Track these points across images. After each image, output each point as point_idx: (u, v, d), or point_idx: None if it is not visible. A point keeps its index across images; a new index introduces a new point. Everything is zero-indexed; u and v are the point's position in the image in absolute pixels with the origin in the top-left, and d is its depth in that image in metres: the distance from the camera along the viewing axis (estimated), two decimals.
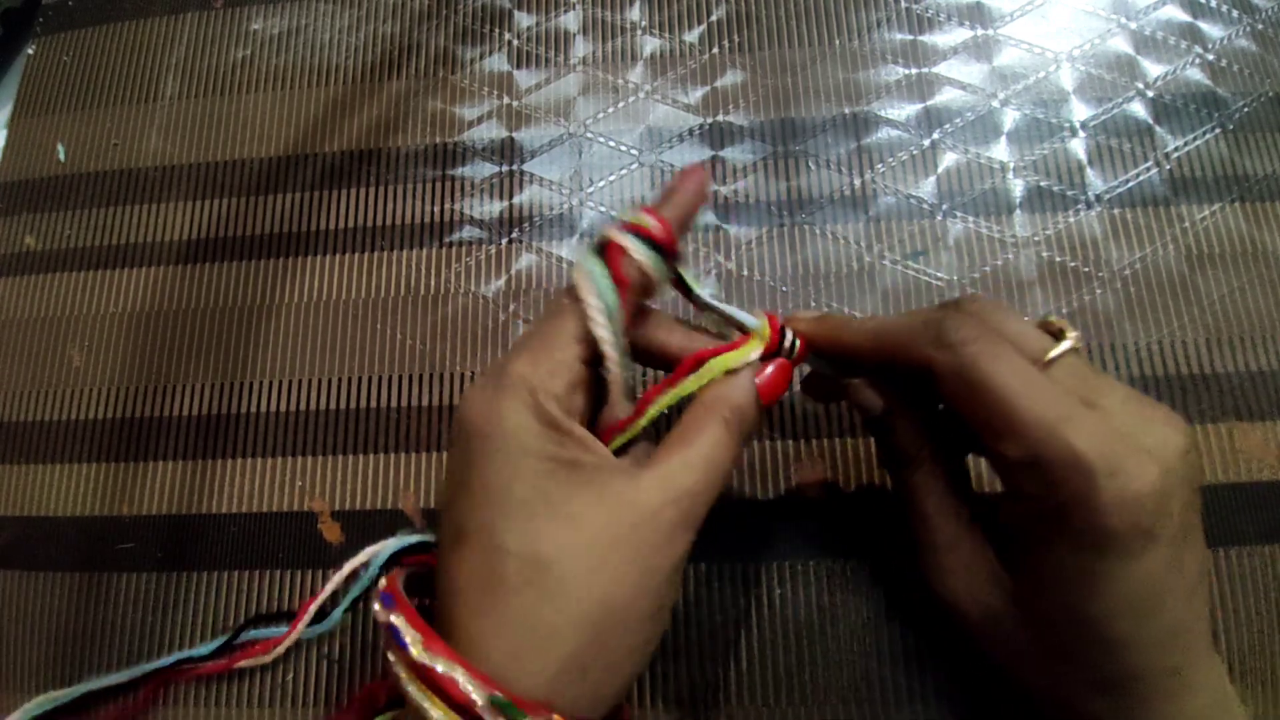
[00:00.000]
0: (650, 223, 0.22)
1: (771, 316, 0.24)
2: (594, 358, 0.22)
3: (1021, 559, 0.22)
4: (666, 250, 0.23)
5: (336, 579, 0.29)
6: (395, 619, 0.20)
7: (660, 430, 0.22)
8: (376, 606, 0.21)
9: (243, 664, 0.30)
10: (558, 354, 0.21)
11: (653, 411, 0.22)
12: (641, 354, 0.24)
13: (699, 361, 0.23)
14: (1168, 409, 0.21)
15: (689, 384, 0.22)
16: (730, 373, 0.23)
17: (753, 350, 0.23)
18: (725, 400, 0.22)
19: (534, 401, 0.21)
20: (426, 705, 0.19)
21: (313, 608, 0.29)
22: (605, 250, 0.22)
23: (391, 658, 0.20)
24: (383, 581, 0.22)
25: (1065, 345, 0.21)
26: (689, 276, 0.24)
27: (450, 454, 0.22)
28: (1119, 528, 0.19)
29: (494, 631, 0.20)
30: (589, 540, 0.20)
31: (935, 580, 0.24)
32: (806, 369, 0.27)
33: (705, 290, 0.24)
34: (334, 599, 0.30)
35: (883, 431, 0.25)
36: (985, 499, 0.25)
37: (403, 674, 0.20)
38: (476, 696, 0.19)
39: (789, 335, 0.24)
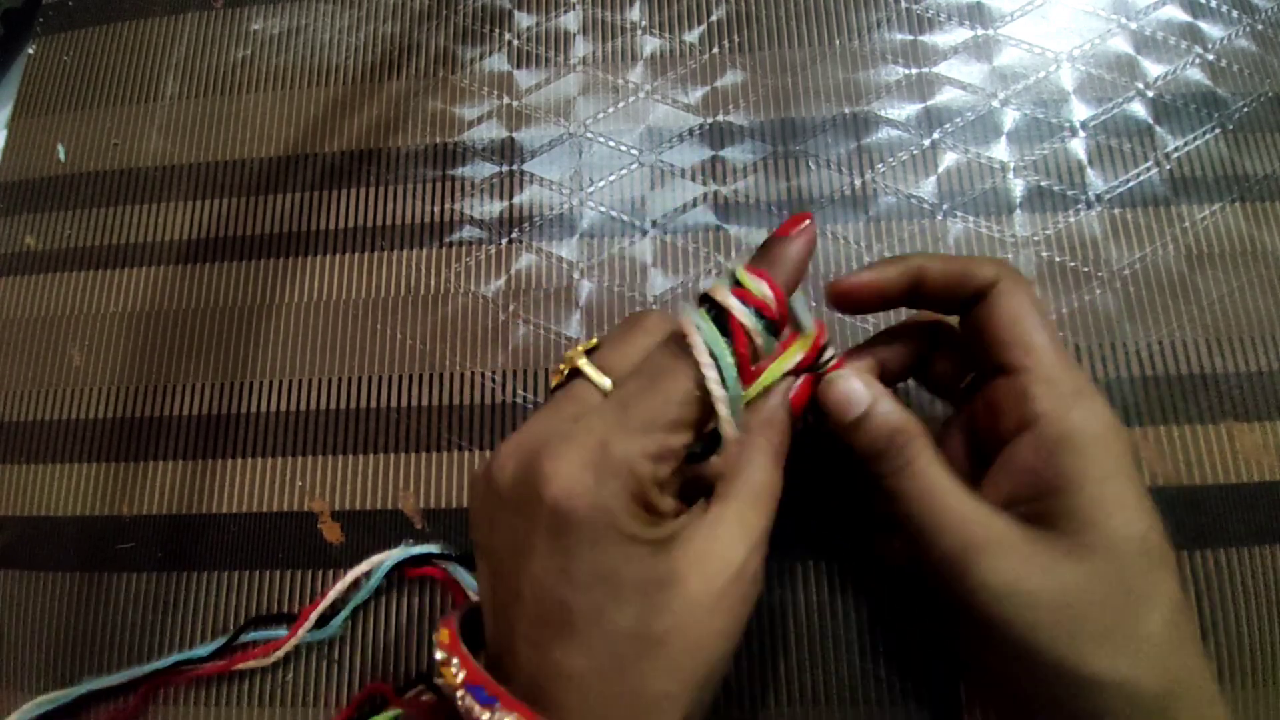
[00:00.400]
0: (766, 294, 0.21)
1: (820, 324, 0.24)
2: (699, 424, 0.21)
3: (1055, 501, 0.21)
4: (776, 325, 0.21)
5: (339, 587, 0.29)
6: (454, 673, 0.20)
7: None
8: (468, 700, 0.19)
9: (242, 666, 0.30)
10: (669, 438, 0.20)
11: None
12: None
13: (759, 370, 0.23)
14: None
15: (751, 392, 0.23)
16: (767, 390, 0.23)
17: (795, 356, 0.23)
18: (767, 425, 0.23)
19: (639, 490, 0.20)
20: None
21: (314, 614, 0.29)
22: (721, 316, 0.20)
23: None
24: (455, 666, 0.20)
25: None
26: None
27: (537, 532, 0.20)
28: (1112, 427, 0.22)
29: (612, 709, 0.19)
30: (694, 608, 0.20)
31: (983, 567, 0.21)
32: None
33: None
34: (335, 605, 0.30)
35: (865, 422, 0.23)
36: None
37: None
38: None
39: (829, 351, 0.24)
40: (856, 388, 0.23)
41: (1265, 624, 0.27)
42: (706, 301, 0.21)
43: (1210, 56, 0.34)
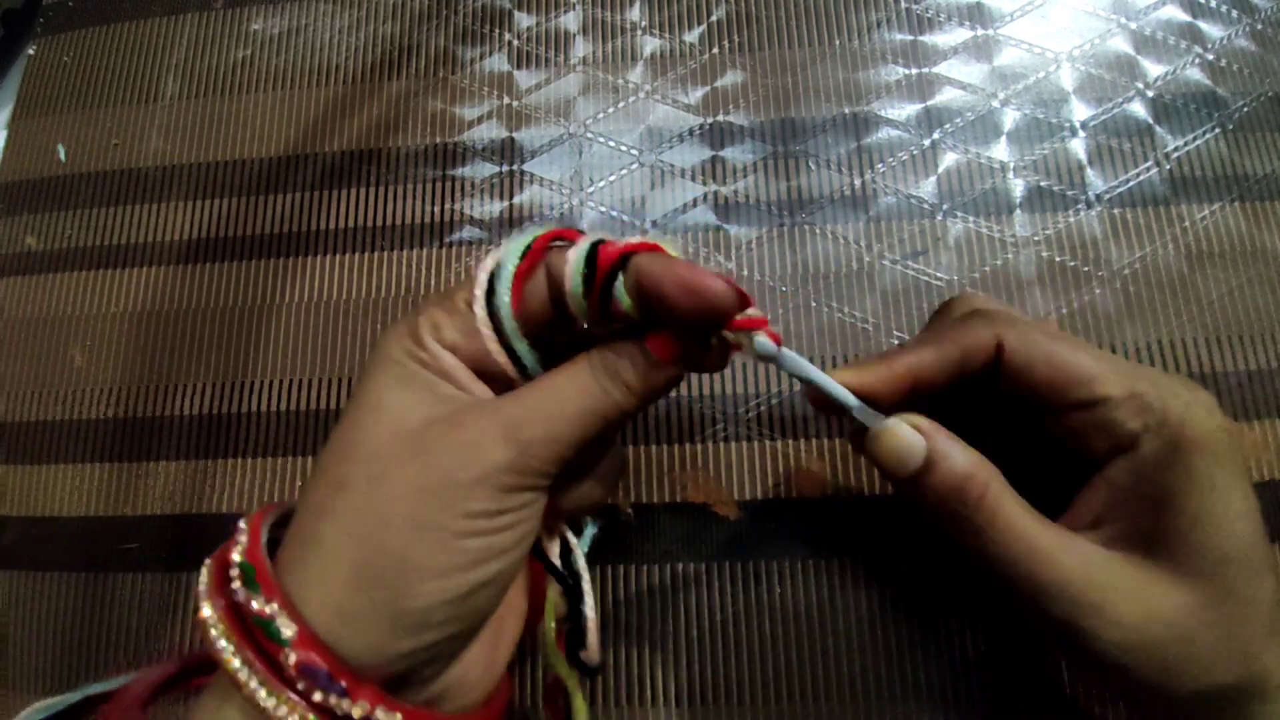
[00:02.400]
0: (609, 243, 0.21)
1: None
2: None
3: (1155, 523, 0.20)
4: (597, 274, 0.20)
5: None
6: (241, 522, 0.20)
7: None
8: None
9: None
10: (448, 296, 0.21)
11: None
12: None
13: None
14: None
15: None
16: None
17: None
18: (600, 347, 0.21)
19: (407, 327, 0.21)
20: (205, 566, 0.20)
21: None
22: (534, 241, 0.21)
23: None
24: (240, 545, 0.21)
25: (1053, 318, 0.23)
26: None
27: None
28: (1222, 428, 0.20)
29: (295, 516, 0.20)
30: (394, 434, 0.19)
31: (1099, 623, 0.19)
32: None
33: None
34: None
35: (929, 478, 0.21)
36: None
37: (207, 564, 0.20)
38: (235, 556, 0.19)
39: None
40: (908, 437, 0.21)
41: None
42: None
43: (1210, 56, 0.34)
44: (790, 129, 0.35)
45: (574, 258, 0.20)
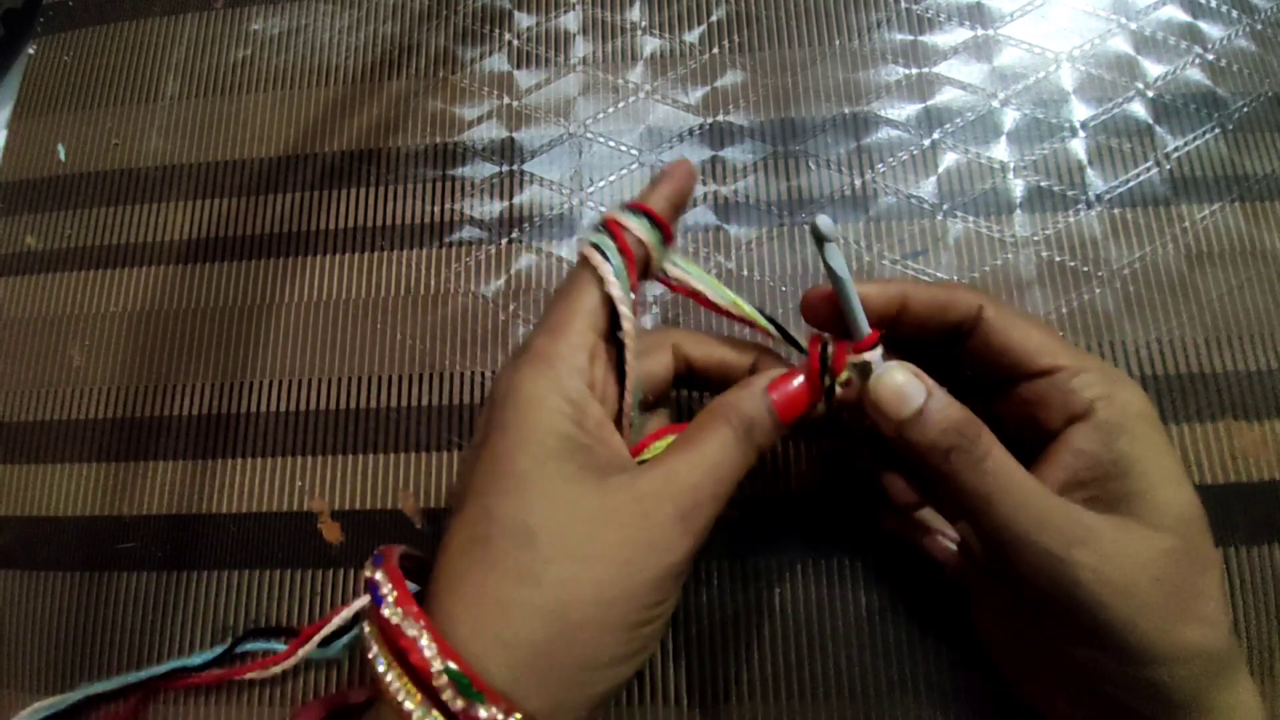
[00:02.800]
0: (645, 207, 0.24)
1: (814, 340, 0.23)
2: (611, 327, 0.22)
3: (1119, 482, 0.21)
4: (663, 229, 0.23)
5: (345, 614, 0.28)
6: (378, 575, 0.20)
7: None
8: (366, 565, 0.21)
9: (241, 677, 0.29)
10: (576, 324, 0.22)
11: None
12: (683, 375, 0.25)
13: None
14: None
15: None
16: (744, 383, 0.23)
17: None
18: (733, 406, 0.22)
19: (554, 374, 0.21)
20: (385, 668, 0.19)
21: (316, 638, 0.29)
22: (607, 227, 0.23)
23: (364, 621, 0.20)
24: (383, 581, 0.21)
25: None
26: (694, 271, 0.25)
27: (477, 430, 0.22)
28: (1146, 401, 0.23)
29: (469, 601, 0.19)
30: (579, 521, 0.19)
31: (1083, 555, 0.20)
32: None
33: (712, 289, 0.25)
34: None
35: (927, 419, 0.22)
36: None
37: (369, 631, 0.19)
38: (435, 665, 0.18)
39: (830, 359, 0.23)
40: (909, 380, 0.22)
41: (1265, 621, 0.27)
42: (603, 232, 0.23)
43: (1210, 56, 0.34)
44: (790, 129, 0.35)
45: (642, 229, 0.23)
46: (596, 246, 0.22)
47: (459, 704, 0.18)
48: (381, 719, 0.20)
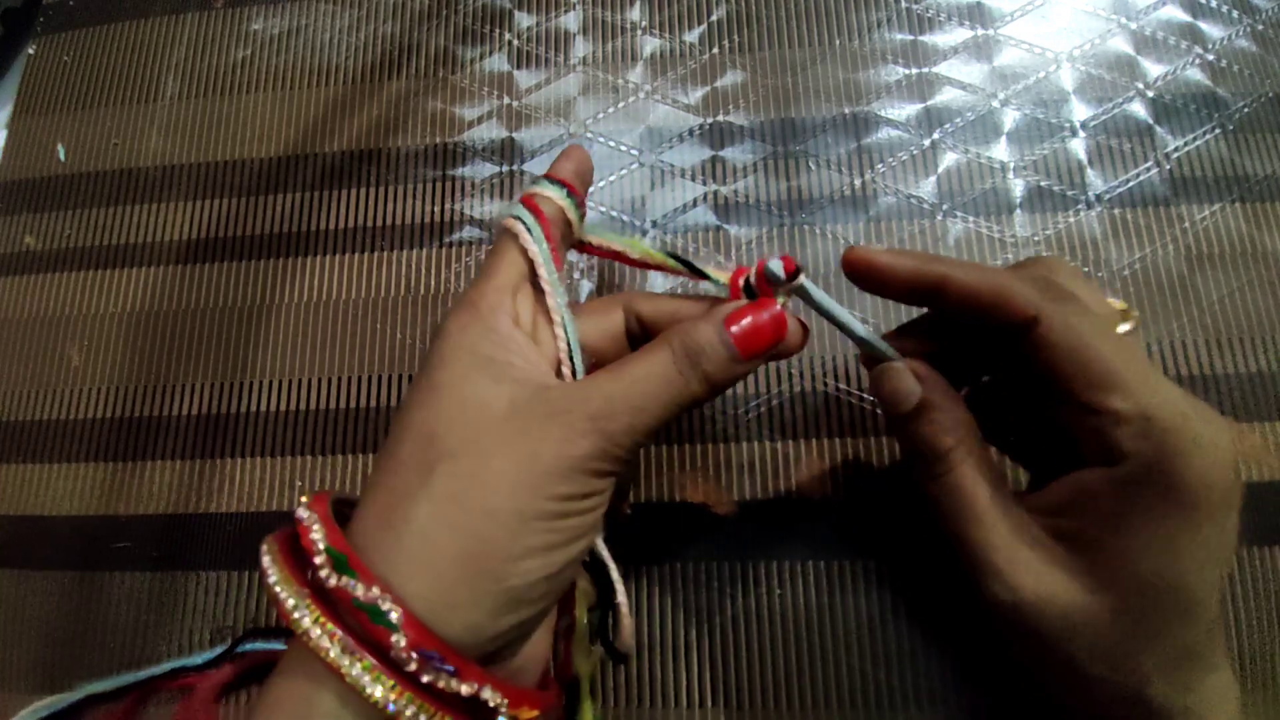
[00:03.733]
0: (554, 175, 0.25)
1: (739, 272, 0.23)
2: (534, 276, 0.24)
3: (1100, 532, 0.21)
4: (574, 194, 0.25)
5: None
6: (302, 498, 0.21)
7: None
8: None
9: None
10: (497, 273, 0.23)
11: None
12: (637, 334, 0.25)
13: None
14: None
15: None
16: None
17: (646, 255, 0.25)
18: (679, 332, 0.22)
19: (475, 310, 0.22)
20: (270, 562, 0.20)
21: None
22: (524, 202, 0.25)
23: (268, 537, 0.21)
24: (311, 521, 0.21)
25: (1128, 325, 0.23)
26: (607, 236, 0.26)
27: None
28: (1217, 484, 0.20)
29: (369, 500, 0.20)
30: (486, 420, 0.20)
31: (996, 584, 0.21)
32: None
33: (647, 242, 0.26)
34: None
35: (911, 424, 0.23)
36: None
37: (269, 544, 0.20)
38: (318, 544, 0.19)
39: (761, 280, 0.23)
40: (906, 382, 0.23)
41: (1267, 625, 0.27)
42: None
43: (1210, 56, 0.34)
44: (790, 129, 0.35)
45: (559, 196, 0.25)
46: (518, 218, 0.24)
47: (333, 581, 0.18)
48: (291, 655, 0.20)
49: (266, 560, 0.20)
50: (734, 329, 0.22)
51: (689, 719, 0.28)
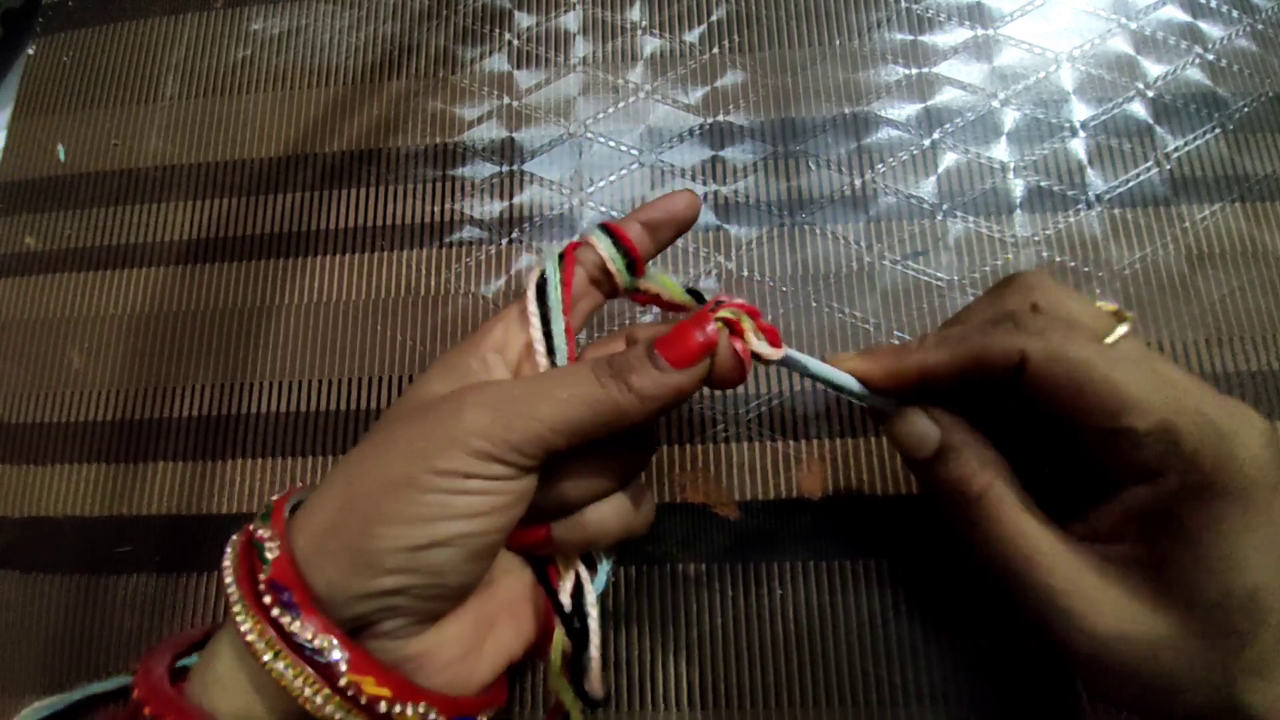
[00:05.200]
0: (611, 225, 0.25)
1: (712, 303, 0.23)
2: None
3: (1163, 552, 0.20)
4: (628, 248, 0.25)
5: None
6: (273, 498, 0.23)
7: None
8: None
9: None
10: (498, 323, 0.24)
11: None
12: None
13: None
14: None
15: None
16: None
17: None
18: (603, 353, 0.22)
19: (470, 346, 0.24)
20: (230, 552, 0.22)
21: None
22: (564, 251, 0.25)
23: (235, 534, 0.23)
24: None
25: (1124, 328, 0.21)
26: (663, 279, 0.25)
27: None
28: (1260, 479, 0.19)
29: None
30: (407, 405, 0.22)
31: (1073, 630, 0.20)
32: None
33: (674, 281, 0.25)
34: None
35: (938, 468, 0.22)
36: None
37: (234, 539, 0.22)
38: (259, 509, 0.22)
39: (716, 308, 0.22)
40: (922, 427, 0.22)
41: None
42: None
43: (1210, 56, 0.34)
44: (790, 129, 0.35)
45: (604, 246, 0.24)
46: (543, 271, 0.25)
47: (252, 527, 0.21)
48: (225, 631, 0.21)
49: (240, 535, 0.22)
50: (660, 347, 0.21)
51: (689, 718, 0.28)
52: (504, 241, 0.35)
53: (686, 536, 0.30)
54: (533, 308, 0.24)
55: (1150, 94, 0.34)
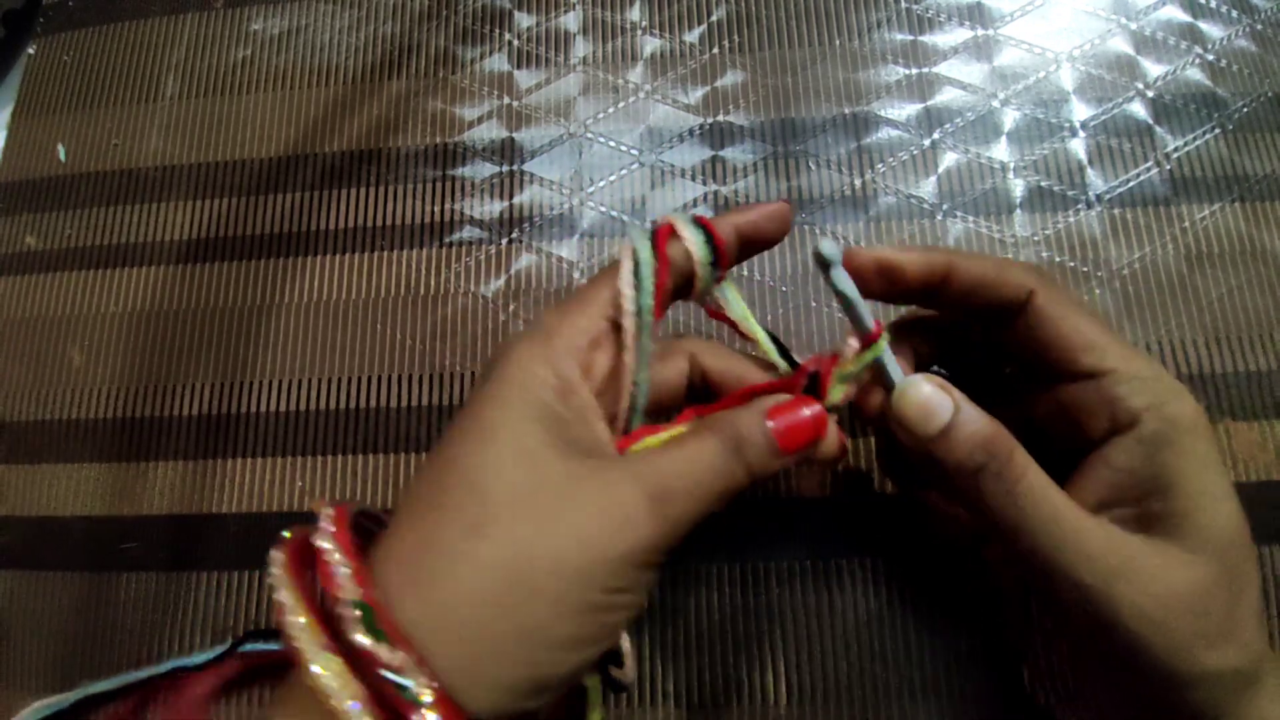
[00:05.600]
0: (704, 220, 0.22)
1: (811, 362, 0.22)
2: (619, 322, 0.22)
3: (1163, 502, 0.20)
4: (718, 248, 0.22)
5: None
6: (324, 511, 0.19)
7: None
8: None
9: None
10: (587, 309, 0.21)
11: (680, 429, 0.21)
12: (698, 386, 0.24)
13: (746, 396, 0.22)
14: None
15: None
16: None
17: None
18: (726, 420, 0.21)
19: (548, 347, 0.20)
20: (283, 588, 0.17)
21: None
22: (656, 232, 0.22)
23: (277, 547, 0.19)
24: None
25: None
26: (735, 299, 0.23)
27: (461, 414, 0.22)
28: (1201, 418, 0.21)
29: (408, 543, 0.18)
30: (542, 485, 0.18)
31: (1118, 605, 0.19)
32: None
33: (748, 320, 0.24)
34: None
35: (955, 438, 0.21)
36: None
37: (279, 555, 0.18)
38: (346, 594, 0.17)
39: (828, 379, 0.22)
40: (934, 395, 0.21)
41: (1270, 625, 0.27)
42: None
43: (1210, 56, 0.34)
44: (790, 129, 0.35)
45: (695, 241, 0.21)
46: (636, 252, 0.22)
47: (360, 639, 0.16)
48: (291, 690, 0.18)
49: (282, 596, 0.18)
50: (774, 423, 0.21)
51: (688, 716, 0.28)
52: (504, 241, 0.35)
53: (686, 536, 0.30)
54: (629, 292, 0.21)
55: (1150, 94, 0.34)
